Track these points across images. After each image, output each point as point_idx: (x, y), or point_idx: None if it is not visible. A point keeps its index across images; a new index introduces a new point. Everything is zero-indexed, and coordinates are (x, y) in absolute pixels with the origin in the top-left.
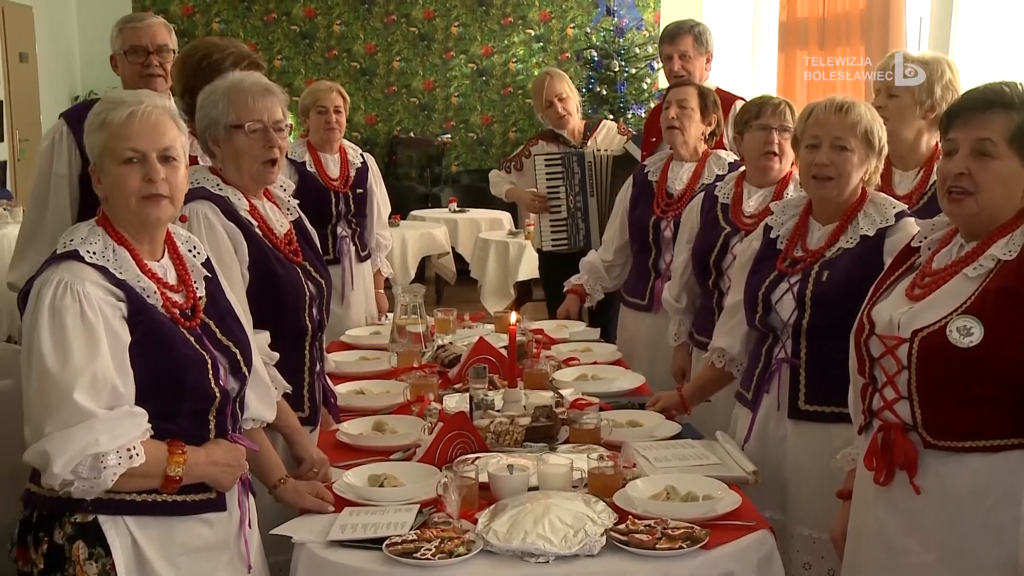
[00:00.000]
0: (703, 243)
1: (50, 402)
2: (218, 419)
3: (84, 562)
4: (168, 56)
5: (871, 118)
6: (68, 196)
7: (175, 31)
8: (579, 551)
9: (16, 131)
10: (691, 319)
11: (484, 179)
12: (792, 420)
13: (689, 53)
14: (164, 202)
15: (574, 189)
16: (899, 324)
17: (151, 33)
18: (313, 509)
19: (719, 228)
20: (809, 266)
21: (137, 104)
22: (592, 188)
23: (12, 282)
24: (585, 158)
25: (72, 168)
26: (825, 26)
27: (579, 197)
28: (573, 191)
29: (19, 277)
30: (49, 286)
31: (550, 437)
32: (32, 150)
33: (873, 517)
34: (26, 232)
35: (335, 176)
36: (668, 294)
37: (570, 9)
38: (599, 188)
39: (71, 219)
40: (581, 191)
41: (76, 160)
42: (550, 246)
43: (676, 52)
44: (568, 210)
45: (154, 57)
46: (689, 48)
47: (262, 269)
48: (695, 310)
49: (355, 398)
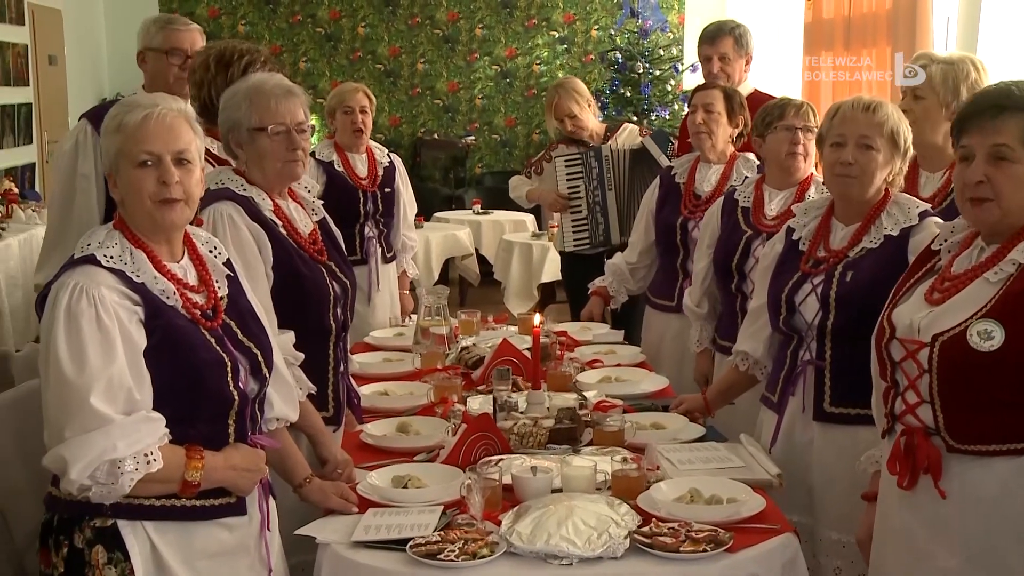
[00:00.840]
0: (724, 247)
1: (67, 407)
2: (237, 422)
3: (103, 566)
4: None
5: (897, 118)
6: (95, 196)
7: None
8: (603, 553)
9: (45, 133)
10: (713, 324)
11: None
12: (818, 423)
13: (729, 55)
14: (179, 205)
15: (592, 184)
16: (920, 328)
17: (192, 39)
18: (338, 509)
19: (740, 231)
20: (832, 267)
21: (152, 107)
22: (610, 182)
23: (39, 284)
24: (602, 152)
25: (98, 168)
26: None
27: (597, 192)
28: (592, 186)
29: (45, 279)
30: (65, 290)
31: (573, 439)
32: None
33: (898, 521)
34: (51, 234)
35: (363, 175)
36: (689, 300)
37: (594, 11)
38: (617, 182)
39: (98, 219)
40: (599, 185)
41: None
42: (572, 246)
43: (716, 54)
44: (588, 206)
45: (191, 61)
46: (729, 50)
47: (286, 269)
48: (717, 316)
49: (379, 399)
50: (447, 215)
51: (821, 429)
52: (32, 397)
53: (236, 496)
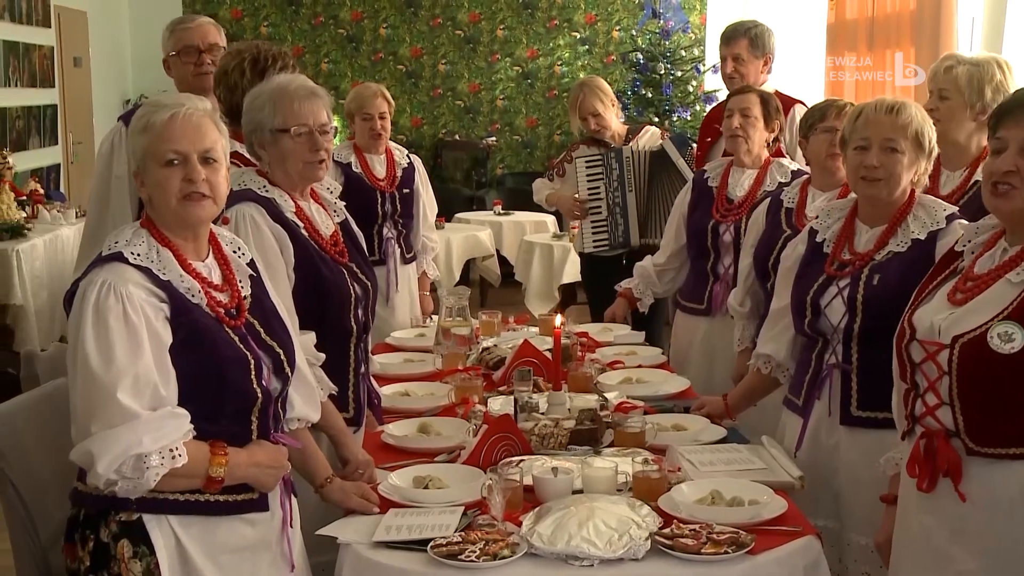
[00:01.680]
0: (765, 246)
1: (94, 402)
2: (260, 419)
3: (129, 560)
4: (219, 55)
5: (922, 119)
6: (128, 196)
7: (224, 36)
8: (624, 555)
9: (70, 134)
10: (756, 324)
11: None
12: (845, 426)
13: (743, 56)
14: (206, 201)
15: (612, 186)
16: (940, 330)
17: (202, 33)
18: (359, 510)
19: (780, 231)
20: (858, 269)
21: (178, 107)
22: (630, 184)
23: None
24: (623, 154)
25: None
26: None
27: (617, 193)
28: (612, 188)
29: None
30: (93, 287)
31: (595, 440)
32: (85, 153)
33: (917, 524)
34: (88, 234)
35: (382, 176)
36: (733, 299)
37: (615, 12)
38: (637, 183)
39: (132, 219)
40: (619, 187)
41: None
42: (591, 248)
43: (730, 54)
44: (607, 208)
45: (206, 56)
46: (743, 51)
47: (308, 270)
48: (759, 315)
49: (400, 400)
50: (468, 216)
51: (847, 433)
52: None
53: (259, 492)
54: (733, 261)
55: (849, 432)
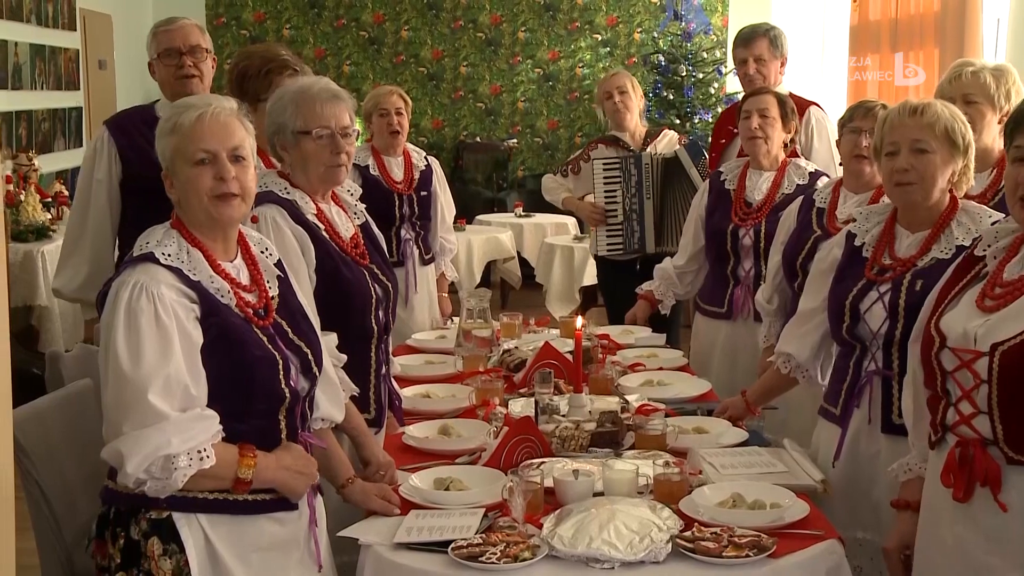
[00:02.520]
0: (794, 245)
1: (126, 402)
2: (288, 419)
3: (159, 558)
4: (202, 56)
5: (950, 116)
6: (107, 201)
7: (247, 38)
8: (644, 558)
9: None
10: (782, 322)
11: None
12: (886, 435)
13: (764, 56)
14: (236, 200)
15: (630, 191)
16: (976, 337)
17: (183, 35)
18: (380, 511)
19: (810, 231)
20: (900, 275)
21: (206, 106)
22: (648, 190)
23: (57, 288)
24: (642, 160)
25: (112, 173)
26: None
27: (635, 199)
28: (629, 193)
29: (63, 284)
30: (126, 288)
31: (615, 443)
32: None
33: (951, 534)
34: (69, 239)
35: (399, 179)
36: (761, 296)
37: (637, 14)
38: (654, 190)
39: (111, 224)
40: (637, 193)
41: (116, 165)
42: (605, 251)
43: (751, 55)
44: (624, 213)
45: (187, 58)
46: (764, 52)
47: (329, 272)
48: (786, 313)
49: (421, 402)
50: (489, 218)
51: (888, 441)
52: (82, 396)
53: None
54: (754, 264)
55: (891, 440)
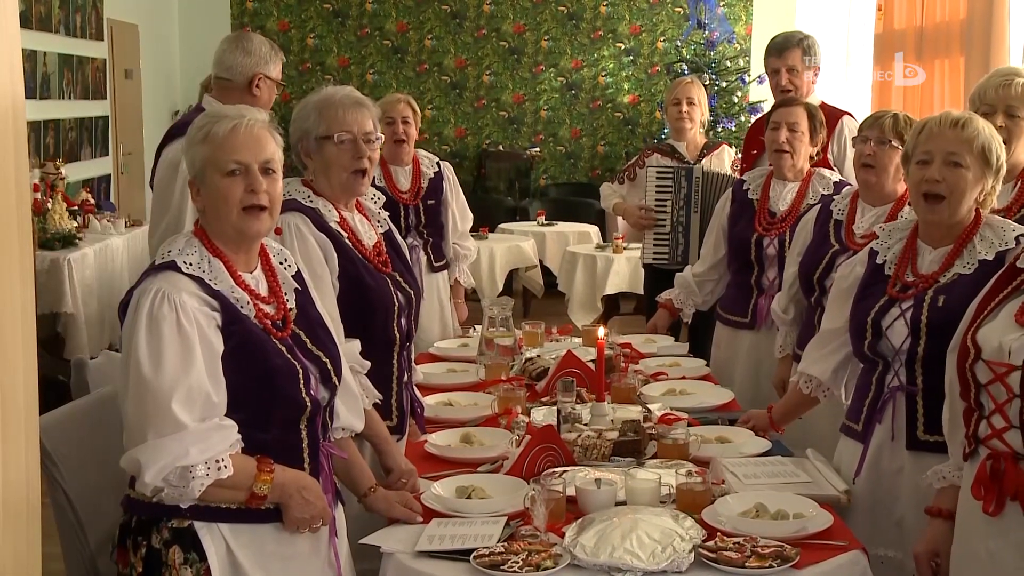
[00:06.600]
0: (811, 259)
1: (147, 410)
2: (309, 428)
3: (180, 566)
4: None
5: (989, 134)
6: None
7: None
8: (667, 567)
9: (120, 145)
10: (797, 332)
11: (573, 192)
12: (910, 451)
13: (797, 67)
14: (264, 214)
15: (679, 203)
16: (1010, 351)
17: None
18: (402, 519)
19: (828, 245)
20: (922, 291)
21: (240, 118)
22: (696, 204)
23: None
24: (694, 173)
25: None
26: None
27: (683, 212)
28: (678, 205)
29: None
30: (147, 296)
31: (638, 452)
32: (134, 164)
33: (984, 549)
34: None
35: (405, 189)
36: (777, 305)
37: (660, 23)
38: (703, 205)
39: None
40: (686, 205)
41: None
42: (651, 259)
43: (784, 66)
44: (671, 223)
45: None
46: (797, 62)
47: (352, 279)
48: (802, 323)
49: (443, 410)
50: (511, 226)
51: (912, 458)
52: (107, 403)
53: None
54: (778, 274)
55: (915, 457)
